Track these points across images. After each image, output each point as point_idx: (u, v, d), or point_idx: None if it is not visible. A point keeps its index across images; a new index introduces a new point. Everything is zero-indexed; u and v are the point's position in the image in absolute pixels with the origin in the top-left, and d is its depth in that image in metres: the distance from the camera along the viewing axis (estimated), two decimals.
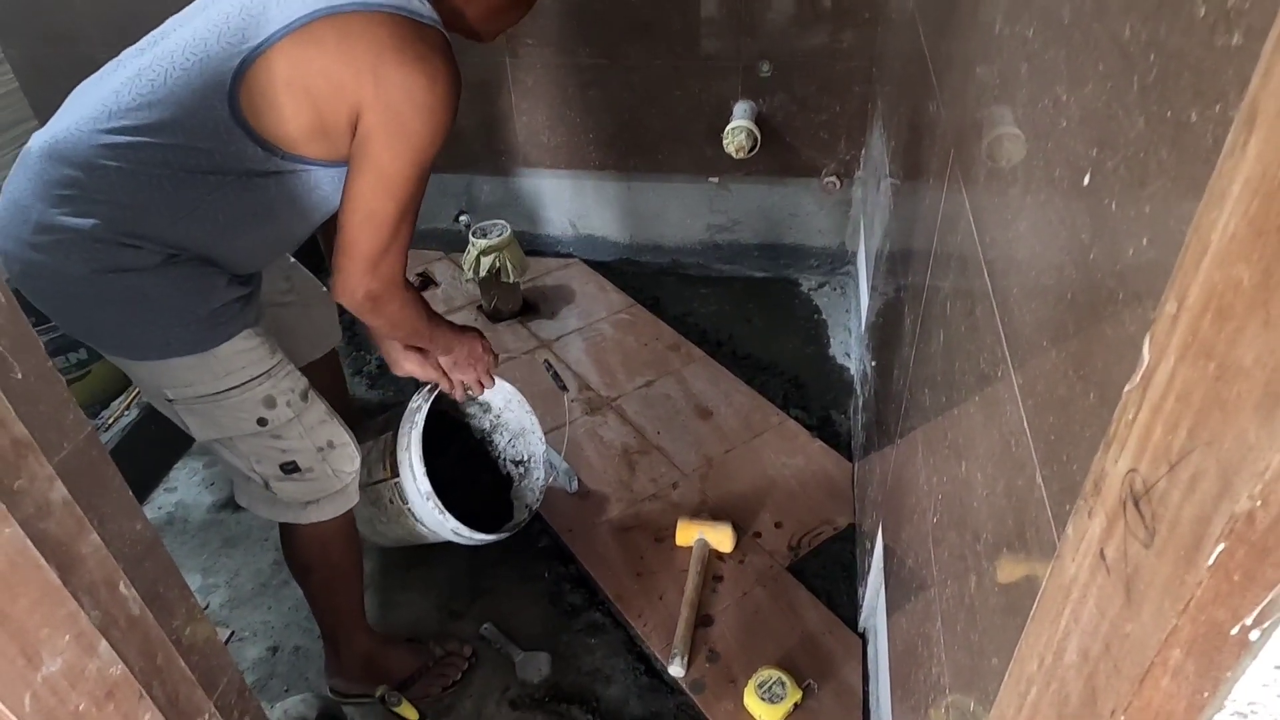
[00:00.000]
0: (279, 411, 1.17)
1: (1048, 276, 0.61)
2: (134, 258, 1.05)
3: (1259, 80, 0.28)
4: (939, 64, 1.19)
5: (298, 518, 1.27)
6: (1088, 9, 0.57)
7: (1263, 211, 0.25)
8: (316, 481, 1.24)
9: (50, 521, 0.59)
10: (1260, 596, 0.26)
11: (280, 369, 1.18)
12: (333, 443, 1.25)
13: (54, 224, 1.03)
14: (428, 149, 1.06)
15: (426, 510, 1.45)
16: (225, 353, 1.12)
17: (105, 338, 1.12)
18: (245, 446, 1.19)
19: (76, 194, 1.03)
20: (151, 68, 1.06)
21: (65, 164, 1.04)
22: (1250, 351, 0.26)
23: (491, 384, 1.51)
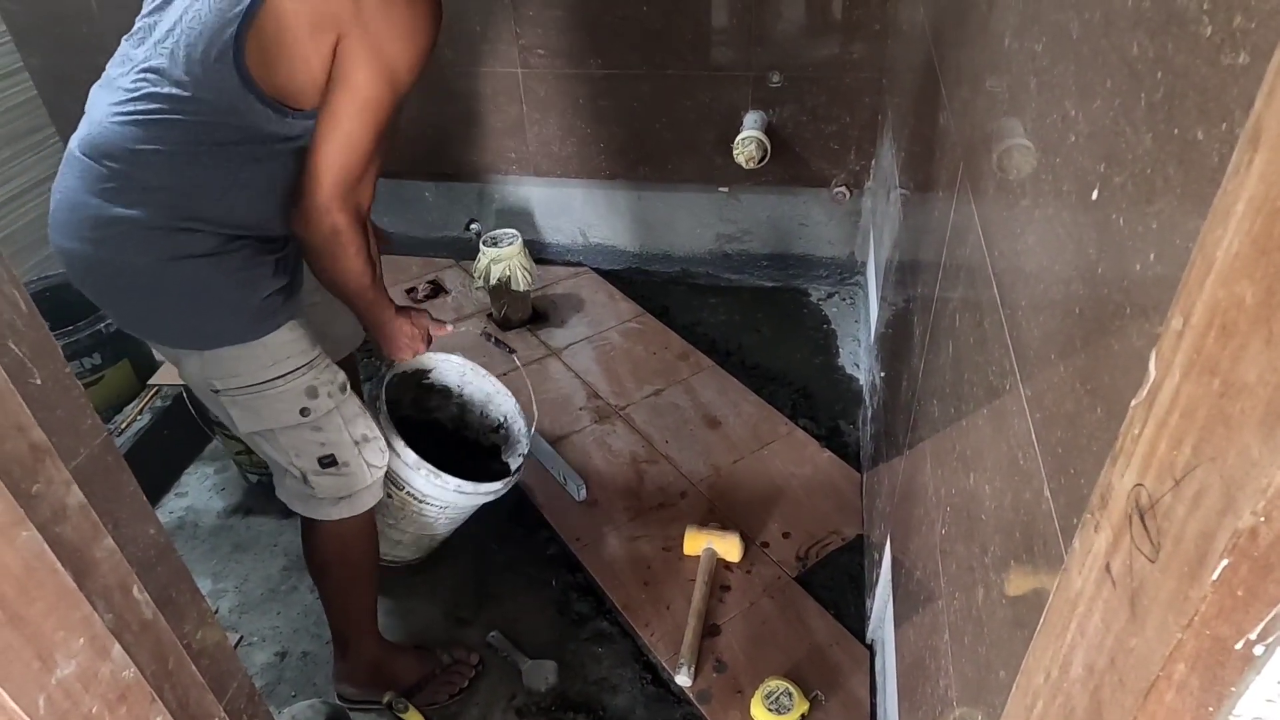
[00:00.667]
0: (320, 402, 1.20)
1: (1056, 290, 0.62)
2: (189, 243, 1.08)
3: (1263, 100, 0.28)
4: (949, 76, 1.19)
5: (329, 514, 1.30)
6: (1096, 25, 0.57)
7: (1265, 230, 0.26)
8: (351, 476, 1.28)
9: (66, 525, 0.60)
10: (1264, 612, 0.26)
11: (321, 360, 1.22)
12: (366, 436, 1.28)
13: (109, 217, 1.06)
14: (405, 74, 1.06)
15: (423, 481, 1.43)
16: (271, 343, 1.15)
17: (162, 329, 1.16)
18: (286, 439, 1.22)
19: (123, 184, 1.06)
20: (159, 50, 1.07)
21: (105, 157, 1.07)
22: (1253, 369, 0.26)
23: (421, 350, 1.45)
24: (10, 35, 2.54)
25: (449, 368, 1.70)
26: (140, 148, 1.05)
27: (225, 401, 1.18)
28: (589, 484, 1.87)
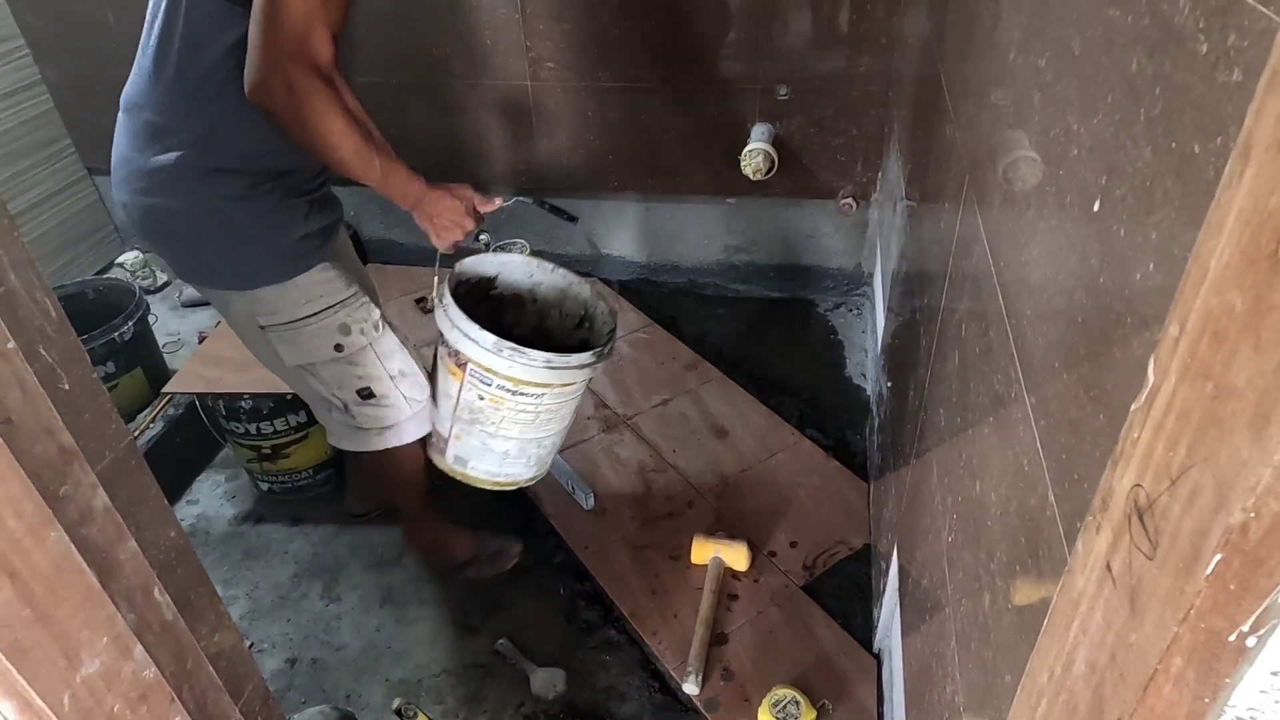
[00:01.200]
0: (353, 339, 1.29)
1: (1059, 300, 0.63)
2: (221, 185, 1.15)
3: (1253, 117, 0.30)
4: (954, 89, 1.21)
5: (375, 444, 1.39)
6: (1097, 42, 0.59)
7: (1254, 241, 0.27)
8: (391, 408, 1.36)
9: (92, 527, 0.61)
10: (1255, 605, 0.27)
11: (355, 300, 1.29)
12: (404, 371, 1.36)
13: (150, 167, 1.15)
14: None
15: (508, 364, 1.32)
16: (304, 283, 1.24)
17: (208, 272, 1.25)
18: (327, 373, 1.31)
19: (158, 134, 1.14)
20: (157, 7, 1.13)
21: (141, 110, 1.16)
22: (1243, 373, 0.27)
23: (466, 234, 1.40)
24: (29, 49, 2.58)
25: (513, 269, 1.57)
26: (166, 96, 1.12)
27: (271, 337, 1.28)
28: (597, 493, 1.89)
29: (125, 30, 2.50)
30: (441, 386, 1.45)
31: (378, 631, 1.67)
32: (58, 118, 2.70)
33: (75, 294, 2.24)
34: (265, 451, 1.86)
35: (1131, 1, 0.52)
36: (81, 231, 2.82)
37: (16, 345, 0.54)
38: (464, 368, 1.37)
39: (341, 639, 1.66)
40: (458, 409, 1.43)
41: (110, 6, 2.47)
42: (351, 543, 1.86)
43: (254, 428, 1.82)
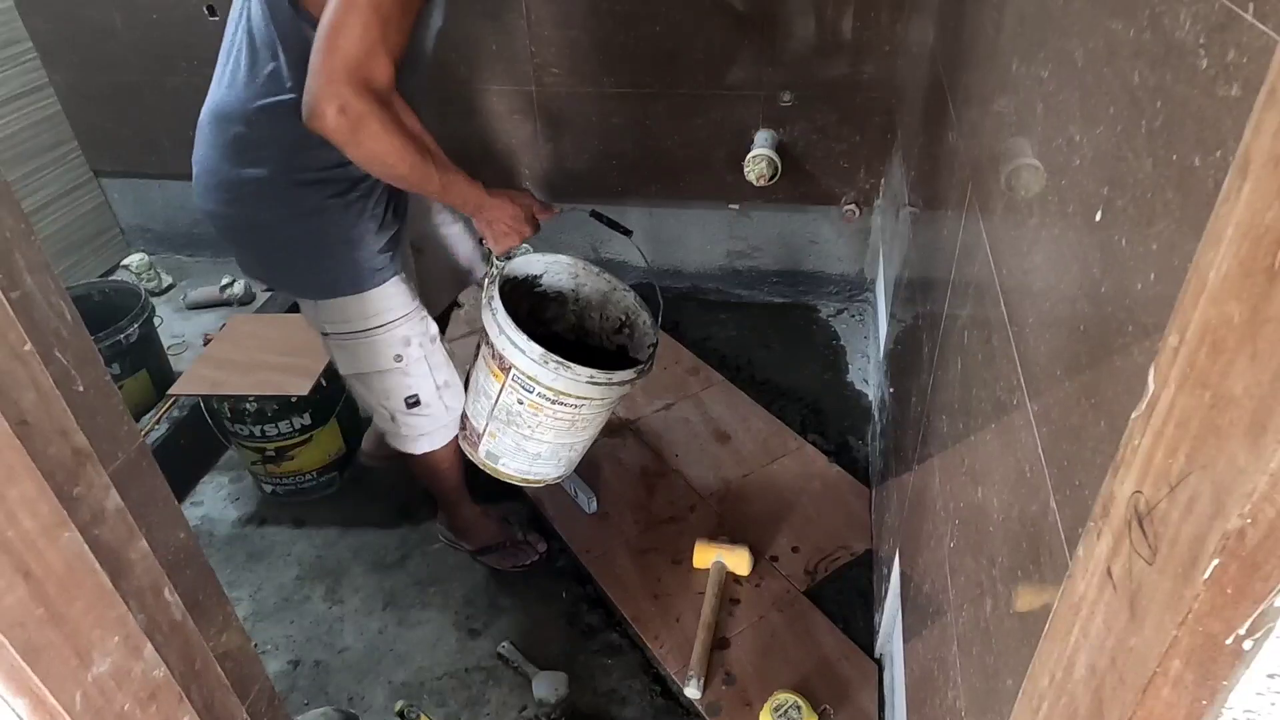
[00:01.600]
0: (412, 351, 1.35)
1: (1062, 308, 0.63)
2: (306, 198, 1.20)
3: (1251, 132, 0.31)
4: (957, 97, 1.21)
5: (413, 448, 1.50)
6: (1100, 54, 0.59)
7: (1251, 254, 0.28)
8: (431, 416, 1.44)
9: (104, 528, 0.62)
10: (1251, 608, 0.28)
11: (417, 313, 1.36)
12: (448, 382, 1.44)
13: (238, 179, 1.21)
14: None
15: (552, 376, 1.35)
16: (375, 296, 1.29)
17: (286, 279, 1.33)
18: (378, 382, 1.38)
19: (246, 146, 1.19)
20: (241, 22, 1.18)
21: (228, 122, 1.20)
22: (1240, 382, 0.28)
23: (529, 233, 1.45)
24: (36, 52, 2.60)
25: (559, 269, 1.60)
26: (252, 107, 1.16)
27: (331, 344, 1.36)
28: (599, 496, 1.89)
29: (133, 35, 2.52)
30: (481, 384, 1.48)
31: (380, 634, 1.68)
32: (64, 121, 2.72)
33: (81, 296, 2.25)
34: (269, 454, 1.87)
35: (1133, 15, 0.53)
36: (87, 234, 2.84)
37: (33, 347, 0.55)
38: (507, 372, 1.40)
39: (344, 641, 1.67)
40: (495, 409, 1.47)
41: (118, 11, 2.49)
42: (354, 545, 1.87)
43: (258, 430, 1.83)
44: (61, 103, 2.69)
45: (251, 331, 1.95)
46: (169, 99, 2.63)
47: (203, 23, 2.45)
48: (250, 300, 2.76)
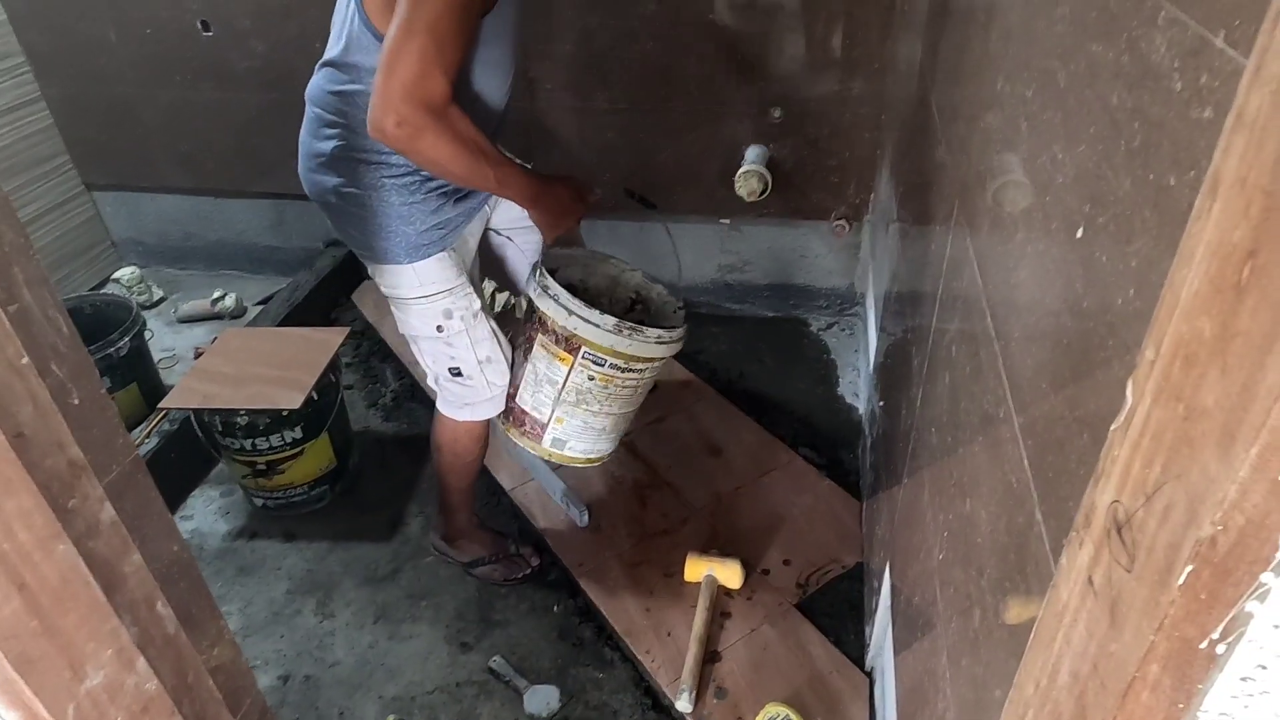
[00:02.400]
0: (453, 323, 1.45)
1: (1046, 322, 0.65)
2: (365, 173, 1.33)
3: (1220, 154, 0.32)
4: (944, 114, 1.23)
5: (454, 413, 1.58)
6: (1081, 75, 0.61)
7: (1220, 272, 0.29)
8: (474, 389, 1.53)
9: (99, 540, 0.62)
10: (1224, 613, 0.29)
11: (461, 289, 1.44)
12: (491, 358, 1.51)
13: (315, 150, 1.37)
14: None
15: (628, 341, 1.44)
16: (422, 268, 1.40)
17: (353, 242, 1.43)
18: (426, 346, 1.50)
19: (322, 125, 1.35)
20: (334, 19, 1.33)
21: (313, 104, 1.37)
22: (1211, 395, 0.29)
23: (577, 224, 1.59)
24: (30, 65, 2.60)
25: (570, 263, 1.70)
26: (328, 93, 1.33)
27: (391, 304, 1.49)
28: (591, 509, 1.89)
29: (126, 49, 2.53)
30: (542, 374, 1.53)
31: (371, 648, 1.67)
32: (57, 134, 2.72)
33: (72, 309, 2.23)
34: (260, 467, 1.87)
35: (1113, 38, 0.55)
36: (79, 247, 2.83)
37: (30, 361, 0.55)
38: (575, 352, 1.48)
39: (335, 655, 1.66)
40: (563, 393, 1.53)
41: (113, 25, 2.50)
42: (345, 559, 1.87)
43: (249, 443, 1.83)
44: (54, 116, 2.69)
45: (243, 345, 1.95)
46: (163, 113, 2.64)
47: (196, 37, 2.46)
48: (242, 313, 2.76)
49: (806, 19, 2.15)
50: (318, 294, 2.63)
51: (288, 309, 2.48)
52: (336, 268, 2.74)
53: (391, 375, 2.42)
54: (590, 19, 2.23)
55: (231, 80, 2.52)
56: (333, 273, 2.71)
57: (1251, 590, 0.28)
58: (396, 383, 2.38)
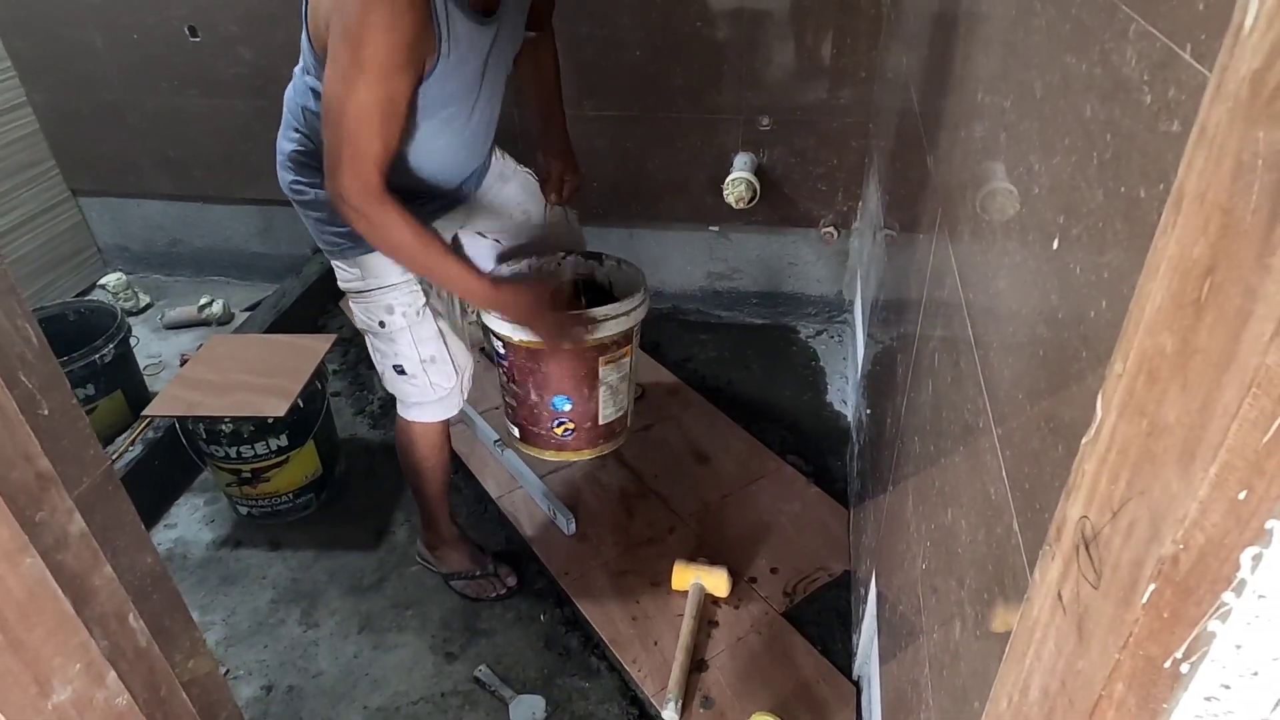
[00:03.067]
0: (395, 319, 1.45)
1: (1023, 332, 0.65)
2: (308, 173, 1.38)
3: (1184, 169, 0.32)
4: (928, 123, 1.24)
5: (404, 413, 1.59)
6: (1056, 87, 0.61)
7: (1182, 287, 0.29)
8: (419, 388, 1.52)
9: (68, 553, 0.62)
10: (1187, 632, 0.28)
11: (406, 286, 1.43)
12: (434, 358, 1.50)
13: (281, 149, 1.42)
14: (376, 61, 1.14)
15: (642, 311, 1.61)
16: (367, 262, 1.41)
17: (314, 236, 1.45)
18: (374, 342, 1.51)
19: (289, 127, 1.40)
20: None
21: (286, 106, 1.41)
22: (1173, 411, 0.29)
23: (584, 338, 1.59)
24: (15, 71, 2.59)
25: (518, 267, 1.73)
26: (291, 97, 1.39)
27: (347, 299, 1.50)
28: (578, 518, 1.89)
29: (113, 55, 2.52)
30: (615, 384, 1.66)
31: (355, 658, 1.66)
32: (42, 140, 2.70)
33: (56, 315, 2.23)
34: (245, 475, 1.85)
35: (1085, 50, 0.55)
36: (64, 253, 2.81)
37: None
38: (631, 341, 1.64)
39: (319, 665, 1.65)
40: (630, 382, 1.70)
41: (98, 31, 2.49)
42: (331, 568, 1.85)
43: (234, 451, 1.82)
44: (39, 121, 2.68)
45: (229, 352, 1.94)
46: (150, 118, 2.62)
47: (184, 44, 2.46)
48: (229, 320, 2.74)
49: (795, 28, 2.16)
50: (305, 300, 2.62)
51: (275, 315, 2.47)
52: (324, 274, 2.72)
53: (379, 383, 2.40)
54: (579, 28, 2.23)
55: (219, 86, 2.52)
56: (321, 279, 2.70)
57: (1213, 609, 0.28)
58: (384, 390, 2.37)
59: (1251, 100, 0.26)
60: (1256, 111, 0.26)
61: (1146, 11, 0.45)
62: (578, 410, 1.67)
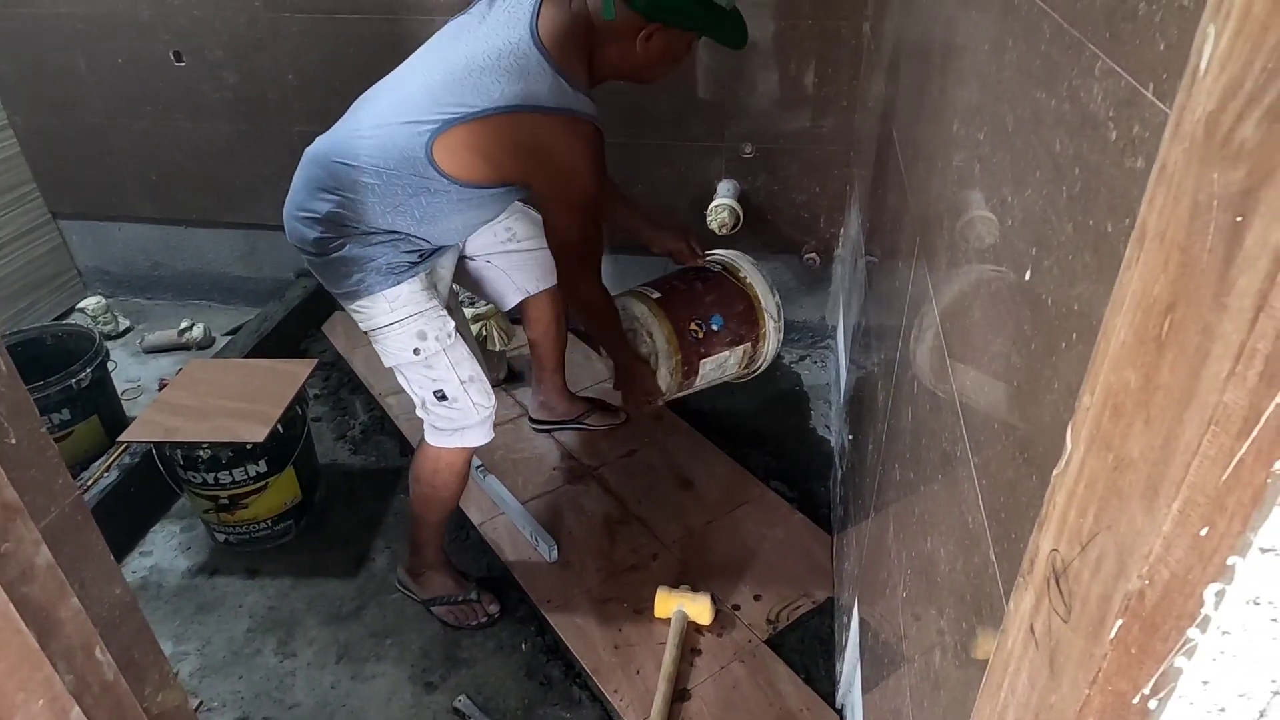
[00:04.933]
0: (429, 344, 1.48)
1: (998, 363, 0.65)
2: (346, 235, 1.43)
3: (1146, 207, 0.32)
4: (906, 153, 1.25)
5: (442, 441, 1.58)
6: (1028, 121, 0.62)
7: (1144, 323, 0.29)
8: (462, 410, 1.54)
9: (33, 585, 0.60)
10: (1154, 668, 0.28)
11: (434, 311, 1.49)
12: (473, 378, 1.54)
13: (307, 207, 1.45)
14: (584, 192, 1.45)
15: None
16: (392, 294, 1.45)
17: (329, 283, 1.49)
18: (409, 373, 1.53)
19: (322, 189, 1.43)
20: (372, 120, 1.44)
21: (320, 168, 1.44)
22: (1137, 446, 0.29)
23: (652, 410, 1.93)
24: None
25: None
26: (339, 172, 1.42)
27: (372, 340, 1.52)
28: (560, 544, 1.87)
29: (97, 78, 2.52)
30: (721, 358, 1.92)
31: (333, 689, 1.63)
32: (23, 163, 2.69)
33: (33, 339, 2.20)
34: (223, 502, 1.83)
35: (1055, 86, 0.56)
36: (44, 276, 2.79)
37: None
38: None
39: (295, 697, 1.62)
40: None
41: (83, 55, 2.49)
42: (309, 596, 1.83)
43: (212, 477, 1.79)
44: (21, 144, 2.67)
45: (208, 377, 1.93)
46: (133, 142, 2.62)
47: (169, 68, 2.46)
48: (210, 344, 2.72)
49: (778, 57, 2.18)
50: (288, 325, 2.61)
51: (256, 340, 2.45)
52: (307, 298, 2.71)
53: (361, 407, 2.39)
54: None
55: (203, 111, 2.52)
56: (303, 303, 2.69)
57: (1179, 646, 0.28)
58: (366, 415, 2.36)
59: (1207, 141, 0.27)
60: (1211, 152, 0.26)
61: (1111, 50, 0.46)
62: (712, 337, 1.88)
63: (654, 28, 1.42)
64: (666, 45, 1.47)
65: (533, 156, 1.39)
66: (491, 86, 1.34)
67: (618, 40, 1.43)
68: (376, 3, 2.28)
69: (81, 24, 2.44)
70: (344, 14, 2.31)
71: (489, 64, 1.35)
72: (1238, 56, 0.25)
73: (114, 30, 2.43)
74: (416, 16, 2.28)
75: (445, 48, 1.44)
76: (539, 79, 1.35)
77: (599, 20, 1.41)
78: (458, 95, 1.36)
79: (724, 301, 1.94)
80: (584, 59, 1.44)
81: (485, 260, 1.84)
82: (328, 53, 2.36)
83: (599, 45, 1.44)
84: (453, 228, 1.52)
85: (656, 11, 1.39)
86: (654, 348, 1.85)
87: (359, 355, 2.58)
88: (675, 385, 1.87)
